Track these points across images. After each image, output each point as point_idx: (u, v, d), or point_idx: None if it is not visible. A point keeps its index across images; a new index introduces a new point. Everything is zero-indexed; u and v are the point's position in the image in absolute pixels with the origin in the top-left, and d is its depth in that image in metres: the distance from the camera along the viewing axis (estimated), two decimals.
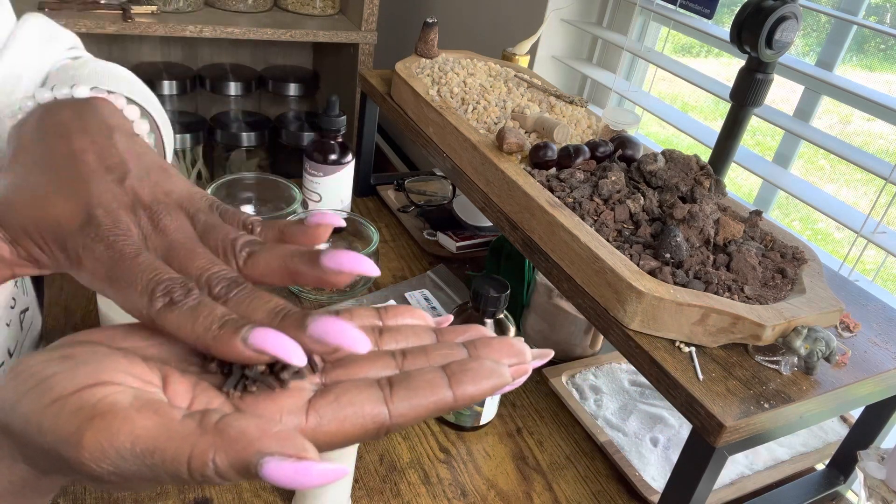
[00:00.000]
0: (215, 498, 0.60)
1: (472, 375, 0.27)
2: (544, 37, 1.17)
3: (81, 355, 0.26)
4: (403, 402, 0.27)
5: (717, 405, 0.50)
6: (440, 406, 0.27)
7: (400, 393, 0.27)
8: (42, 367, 0.25)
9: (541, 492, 0.66)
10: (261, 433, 0.23)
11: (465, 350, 0.30)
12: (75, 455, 0.23)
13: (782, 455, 0.72)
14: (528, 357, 0.30)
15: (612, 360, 0.82)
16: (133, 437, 0.23)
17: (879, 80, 1.42)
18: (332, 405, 0.26)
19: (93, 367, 0.25)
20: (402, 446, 0.68)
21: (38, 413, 0.24)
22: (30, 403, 0.24)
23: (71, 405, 0.24)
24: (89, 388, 0.24)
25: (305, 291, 0.84)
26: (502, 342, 0.30)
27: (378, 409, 0.26)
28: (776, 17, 0.63)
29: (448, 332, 0.32)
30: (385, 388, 0.27)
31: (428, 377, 0.27)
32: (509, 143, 0.71)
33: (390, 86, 0.93)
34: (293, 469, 0.23)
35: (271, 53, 1.81)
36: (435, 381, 0.27)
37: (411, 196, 1.06)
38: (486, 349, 0.30)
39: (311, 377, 0.28)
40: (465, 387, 0.27)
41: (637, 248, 0.60)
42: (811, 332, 0.54)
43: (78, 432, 0.23)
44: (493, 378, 0.28)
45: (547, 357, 0.31)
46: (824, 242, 1.59)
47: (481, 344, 0.30)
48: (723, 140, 0.71)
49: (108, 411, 0.24)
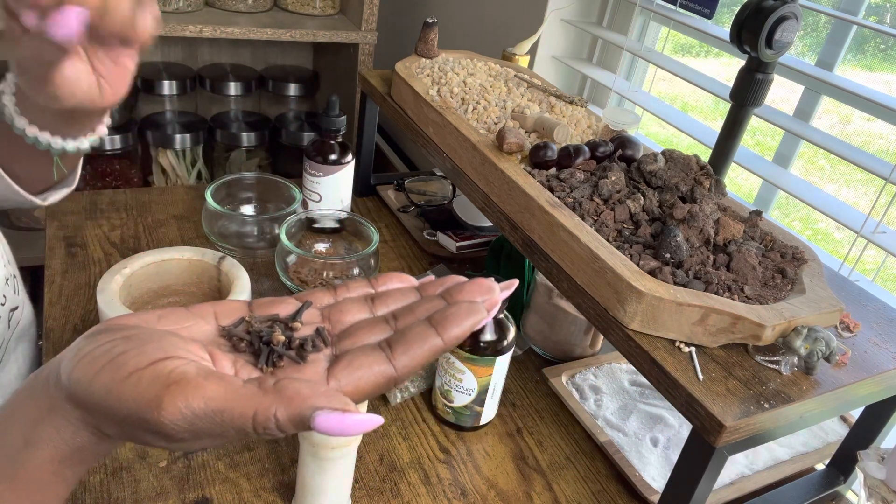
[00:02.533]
0: (215, 498, 0.60)
1: (452, 319, 0.33)
2: (544, 37, 1.17)
3: (140, 335, 0.31)
4: (403, 356, 0.32)
5: (717, 405, 0.50)
6: (434, 351, 0.32)
7: (399, 349, 0.32)
8: (109, 346, 0.30)
9: (541, 492, 0.66)
10: (312, 391, 0.29)
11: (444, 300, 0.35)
12: (156, 416, 0.27)
13: (782, 455, 0.72)
14: (496, 291, 0.35)
15: (612, 360, 0.82)
16: (205, 399, 0.28)
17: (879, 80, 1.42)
18: (347, 370, 0.31)
19: (156, 344, 0.30)
20: (402, 446, 0.68)
21: (119, 383, 0.28)
22: (108, 376, 0.29)
23: (148, 376, 0.28)
24: (161, 362, 0.29)
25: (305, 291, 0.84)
26: (472, 284, 0.35)
27: (384, 366, 0.31)
28: (776, 17, 0.63)
29: (428, 287, 0.37)
30: (385, 349, 0.32)
31: (417, 330, 0.32)
32: (509, 143, 0.71)
33: (390, 86, 0.93)
34: (339, 419, 0.28)
35: (271, 53, 1.81)
36: (424, 332, 0.32)
37: (411, 196, 1.06)
38: (460, 293, 0.35)
39: (324, 350, 0.33)
40: (450, 330, 0.32)
41: (637, 248, 0.60)
42: (811, 332, 0.54)
43: (158, 397, 0.28)
44: (471, 316, 0.33)
45: (511, 287, 0.36)
46: (824, 242, 1.59)
47: (455, 290, 0.35)
48: (723, 140, 0.71)
49: (181, 379, 0.28)
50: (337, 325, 0.35)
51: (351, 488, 0.60)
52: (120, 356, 0.29)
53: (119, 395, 0.28)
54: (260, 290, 0.86)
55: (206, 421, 0.28)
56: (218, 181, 0.92)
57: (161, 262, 0.74)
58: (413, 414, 0.72)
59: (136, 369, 0.29)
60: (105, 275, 0.69)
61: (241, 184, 0.97)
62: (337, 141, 0.93)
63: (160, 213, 0.98)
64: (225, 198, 0.95)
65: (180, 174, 1.59)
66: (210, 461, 0.63)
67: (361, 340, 0.34)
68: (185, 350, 0.30)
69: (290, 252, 0.84)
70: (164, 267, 0.74)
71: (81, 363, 0.30)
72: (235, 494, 0.61)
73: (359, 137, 1.05)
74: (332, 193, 0.95)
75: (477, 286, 0.35)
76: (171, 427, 0.28)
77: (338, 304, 0.36)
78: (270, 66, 1.80)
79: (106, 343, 0.30)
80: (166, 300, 0.76)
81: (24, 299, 0.74)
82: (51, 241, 0.89)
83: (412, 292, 0.37)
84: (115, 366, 0.29)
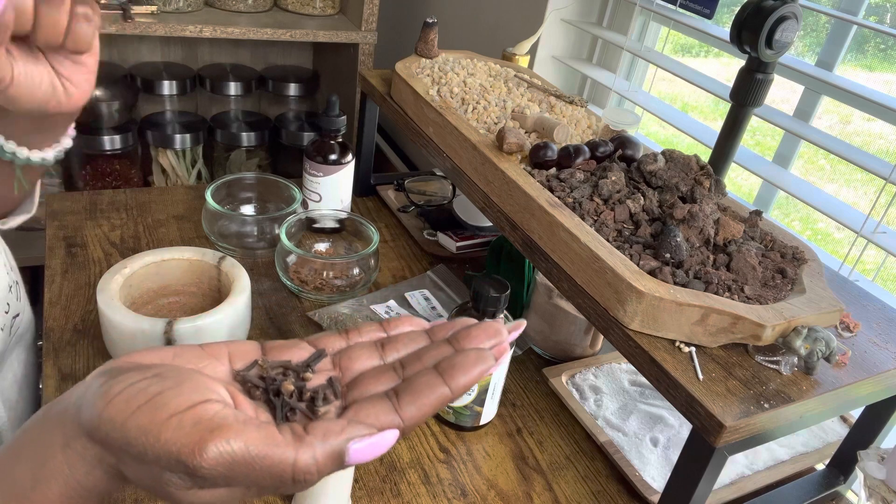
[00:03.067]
0: None
1: (460, 368, 0.33)
2: (544, 37, 1.17)
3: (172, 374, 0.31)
4: (410, 406, 0.32)
5: (717, 405, 0.50)
6: (441, 400, 0.32)
7: (405, 399, 0.32)
8: (144, 385, 0.30)
9: (541, 492, 0.66)
10: (340, 428, 0.30)
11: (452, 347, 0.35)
12: (196, 460, 0.28)
13: (782, 455, 0.72)
14: (504, 335, 0.35)
15: (612, 360, 0.82)
16: (247, 444, 0.28)
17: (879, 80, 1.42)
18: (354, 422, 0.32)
19: (191, 385, 0.30)
20: (402, 446, 0.68)
21: (158, 425, 0.29)
22: (146, 417, 0.29)
23: (189, 419, 0.29)
24: (201, 405, 0.29)
25: (305, 291, 0.84)
26: (480, 328, 0.35)
27: (391, 417, 0.32)
28: (776, 17, 0.63)
29: (437, 331, 0.37)
30: (392, 398, 0.32)
31: (425, 379, 0.33)
32: (509, 143, 0.71)
33: (390, 86, 0.93)
34: (370, 443, 0.30)
35: (271, 53, 1.81)
36: (431, 381, 0.32)
37: (411, 196, 1.06)
38: (468, 340, 0.35)
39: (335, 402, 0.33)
40: (457, 379, 0.32)
41: (637, 248, 0.60)
42: (811, 332, 0.54)
43: (202, 441, 0.28)
44: (478, 364, 0.33)
45: (520, 328, 0.37)
46: (824, 242, 1.59)
47: (463, 336, 0.35)
48: (723, 140, 0.71)
49: (224, 424, 0.29)
50: (347, 372, 0.35)
51: (351, 488, 0.60)
52: (157, 397, 0.29)
53: (158, 437, 0.28)
54: (260, 289, 0.86)
55: (243, 467, 0.28)
56: (218, 181, 0.92)
57: (161, 262, 0.74)
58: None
59: (177, 411, 0.29)
60: (105, 275, 0.69)
61: (241, 184, 0.97)
62: (337, 141, 0.93)
63: (160, 213, 0.98)
64: (225, 198, 0.95)
65: (180, 174, 1.59)
66: None
67: (369, 390, 0.34)
68: (215, 392, 0.31)
69: (290, 252, 0.84)
70: (164, 267, 0.74)
71: (116, 402, 0.30)
72: None
73: (359, 137, 1.05)
74: (332, 193, 0.95)
75: (484, 331, 0.35)
76: (209, 471, 0.28)
77: (348, 350, 0.36)
78: (270, 66, 1.80)
79: (139, 382, 0.30)
80: (166, 300, 0.76)
81: (24, 304, 0.74)
82: (51, 241, 0.89)
83: (421, 336, 0.37)
84: (154, 406, 0.29)
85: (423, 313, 0.84)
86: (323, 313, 0.82)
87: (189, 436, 0.28)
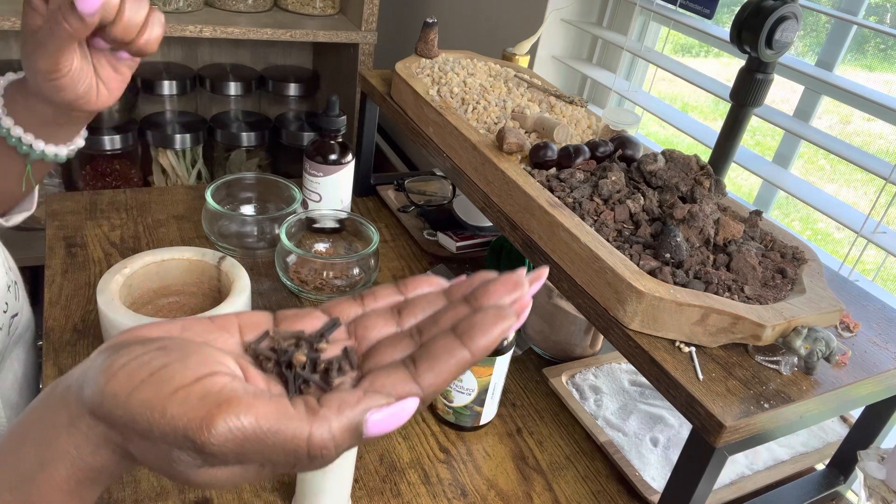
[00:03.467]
0: (215, 498, 0.60)
1: (479, 328, 0.30)
2: (544, 37, 1.17)
3: (178, 347, 0.29)
4: (428, 373, 0.30)
5: (717, 405, 0.50)
6: (462, 365, 0.30)
7: (423, 366, 0.30)
8: (148, 359, 0.28)
9: (541, 492, 0.66)
10: (356, 399, 0.28)
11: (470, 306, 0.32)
12: (205, 436, 0.26)
13: (782, 455, 0.72)
14: (525, 287, 0.32)
15: (612, 360, 0.82)
16: (257, 419, 0.27)
17: (879, 80, 1.42)
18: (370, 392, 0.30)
19: (198, 357, 0.29)
20: (402, 446, 0.68)
21: (163, 400, 0.27)
22: (150, 391, 0.27)
23: (196, 392, 0.27)
24: (208, 378, 0.28)
25: (305, 291, 0.84)
26: (499, 282, 0.32)
27: (409, 386, 0.30)
28: (776, 17, 0.63)
29: (454, 290, 0.34)
30: (410, 365, 0.30)
31: (442, 343, 0.30)
32: (509, 143, 0.71)
33: (390, 86, 0.93)
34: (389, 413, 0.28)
35: (271, 53, 1.81)
36: (449, 345, 0.30)
37: (411, 196, 1.06)
38: (486, 296, 0.32)
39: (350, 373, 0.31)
40: (477, 340, 0.30)
41: (637, 248, 0.60)
42: (811, 332, 0.54)
43: (209, 416, 0.26)
44: (498, 323, 0.30)
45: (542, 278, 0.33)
46: (824, 242, 1.59)
47: (481, 292, 0.32)
48: (723, 140, 0.71)
49: (232, 398, 0.27)
50: (363, 341, 0.33)
51: (351, 488, 0.60)
52: (162, 370, 0.28)
53: (163, 412, 0.27)
54: (260, 289, 0.86)
55: (255, 443, 0.27)
56: (218, 181, 0.92)
57: (161, 262, 0.74)
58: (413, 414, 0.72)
59: (183, 385, 0.27)
60: (105, 275, 0.69)
61: (241, 184, 0.97)
62: (337, 141, 0.93)
63: (160, 213, 0.98)
64: (225, 198, 0.95)
65: (180, 174, 1.59)
66: None
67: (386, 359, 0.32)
68: (224, 365, 0.29)
69: (290, 252, 0.84)
70: (164, 267, 0.74)
71: (118, 376, 0.28)
72: (235, 494, 0.61)
73: (359, 137, 1.05)
74: (332, 193, 0.95)
75: (503, 284, 0.32)
76: (218, 448, 0.26)
77: (363, 318, 0.34)
78: (270, 66, 1.80)
79: (142, 355, 0.29)
80: (166, 300, 0.76)
81: (23, 304, 0.74)
82: (51, 241, 0.89)
83: (440, 298, 0.34)
84: (159, 380, 0.28)
85: None
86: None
87: (196, 410, 0.27)
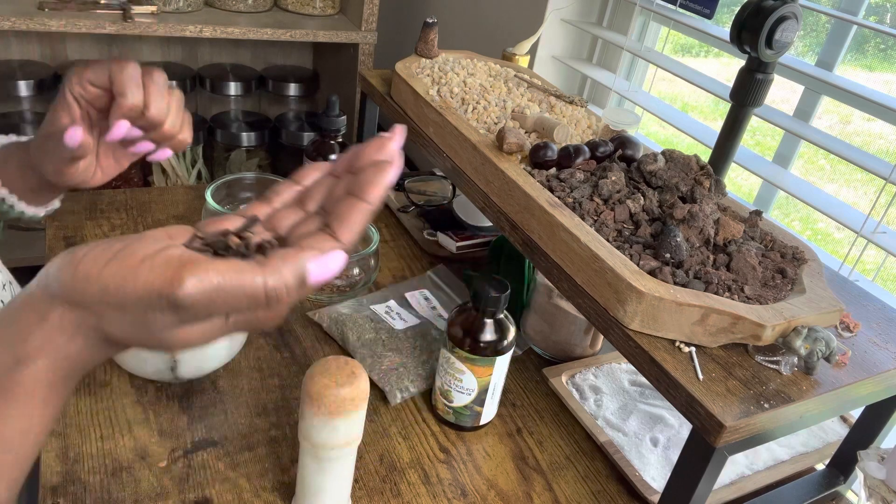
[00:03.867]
0: (215, 498, 0.60)
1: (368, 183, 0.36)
2: (544, 37, 1.17)
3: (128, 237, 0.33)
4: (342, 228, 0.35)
5: (717, 405, 0.50)
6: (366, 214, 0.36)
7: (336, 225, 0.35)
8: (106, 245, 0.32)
9: (541, 492, 0.66)
10: (295, 252, 0.33)
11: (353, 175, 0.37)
12: (176, 290, 0.30)
13: (782, 455, 0.72)
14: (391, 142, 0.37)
15: (612, 360, 0.82)
16: (220, 275, 0.31)
17: (879, 80, 1.42)
18: None
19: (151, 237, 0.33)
20: (402, 446, 0.68)
21: (132, 269, 0.31)
22: (118, 265, 0.31)
23: (161, 259, 0.31)
24: (168, 248, 0.32)
25: None
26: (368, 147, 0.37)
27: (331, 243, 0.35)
28: (776, 17, 0.63)
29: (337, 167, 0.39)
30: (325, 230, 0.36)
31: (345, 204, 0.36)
32: (509, 143, 0.71)
33: (390, 86, 0.93)
34: (324, 260, 0.33)
35: (271, 53, 1.81)
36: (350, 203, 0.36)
37: (411, 196, 1.06)
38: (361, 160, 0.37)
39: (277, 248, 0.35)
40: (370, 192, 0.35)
41: (637, 248, 0.60)
42: (811, 332, 0.54)
43: (177, 274, 0.30)
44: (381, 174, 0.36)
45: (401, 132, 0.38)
46: (824, 242, 1.59)
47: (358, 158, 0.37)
48: (723, 140, 0.71)
49: (194, 259, 0.31)
50: (280, 230, 0.38)
51: (351, 488, 0.60)
52: (124, 249, 0.32)
53: (134, 279, 0.30)
54: None
55: (221, 294, 0.31)
56: (218, 181, 0.92)
57: None
58: (413, 414, 0.72)
59: (147, 255, 0.31)
60: None
61: (241, 184, 0.97)
62: (337, 141, 0.93)
63: (160, 213, 0.98)
64: (225, 198, 0.95)
65: (180, 174, 1.59)
66: (210, 461, 0.63)
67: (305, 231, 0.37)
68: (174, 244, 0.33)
69: None
70: None
71: (84, 261, 0.31)
72: (235, 494, 0.61)
73: (359, 137, 1.05)
74: None
75: (373, 147, 0.37)
76: (190, 300, 0.30)
77: (274, 215, 0.39)
78: (270, 66, 1.80)
79: (101, 244, 0.32)
80: None
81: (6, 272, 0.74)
82: (51, 241, 0.89)
83: (328, 178, 0.40)
84: (124, 256, 0.31)
85: (423, 313, 0.84)
86: (323, 313, 0.82)
87: (164, 273, 0.30)
